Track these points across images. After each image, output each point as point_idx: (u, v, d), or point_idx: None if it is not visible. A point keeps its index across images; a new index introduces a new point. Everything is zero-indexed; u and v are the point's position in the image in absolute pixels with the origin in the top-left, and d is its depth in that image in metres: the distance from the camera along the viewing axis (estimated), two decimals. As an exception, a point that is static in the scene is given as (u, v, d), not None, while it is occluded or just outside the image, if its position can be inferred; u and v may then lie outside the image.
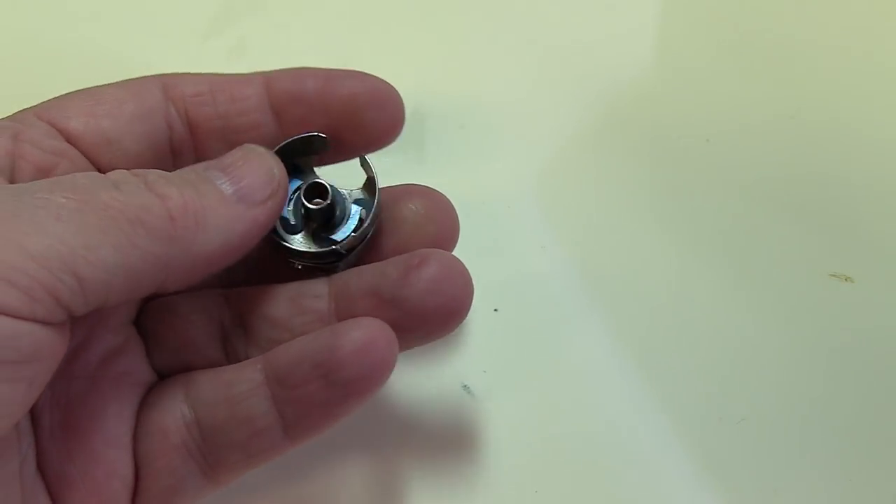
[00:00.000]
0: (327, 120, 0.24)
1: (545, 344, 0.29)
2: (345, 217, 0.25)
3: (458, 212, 0.25)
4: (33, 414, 0.21)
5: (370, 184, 0.25)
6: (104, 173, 0.23)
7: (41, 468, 0.21)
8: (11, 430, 0.20)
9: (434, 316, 0.22)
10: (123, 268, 0.18)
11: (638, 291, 0.30)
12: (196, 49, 0.34)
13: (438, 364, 0.29)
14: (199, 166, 0.22)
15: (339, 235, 0.25)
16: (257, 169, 0.22)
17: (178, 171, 0.22)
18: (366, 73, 0.24)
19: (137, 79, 0.24)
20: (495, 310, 0.29)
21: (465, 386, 0.28)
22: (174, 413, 0.22)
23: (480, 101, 0.33)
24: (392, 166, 0.26)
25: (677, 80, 0.34)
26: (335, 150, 0.25)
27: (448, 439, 0.28)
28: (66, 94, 0.23)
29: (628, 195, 0.32)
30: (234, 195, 0.21)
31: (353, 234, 0.24)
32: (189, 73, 0.24)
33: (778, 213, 0.31)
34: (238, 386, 0.22)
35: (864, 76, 0.34)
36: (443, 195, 0.25)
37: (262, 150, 0.22)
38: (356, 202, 0.25)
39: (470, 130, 0.33)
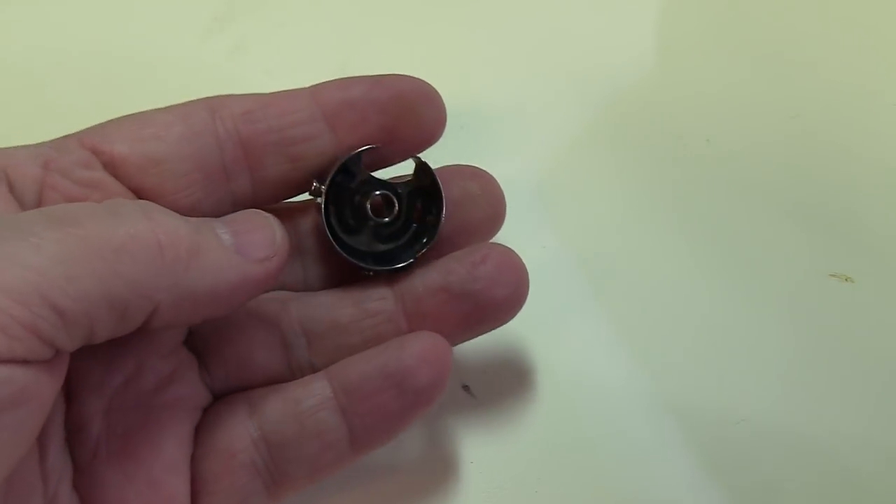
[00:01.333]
0: (383, 119, 0.24)
1: (545, 343, 0.29)
2: (402, 212, 0.25)
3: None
4: (85, 446, 0.21)
5: (424, 177, 0.25)
6: (142, 199, 0.22)
7: (96, 498, 0.21)
8: (33, 472, 0.20)
9: (501, 305, 0.24)
10: (107, 298, 0.18)
11: (638, 291, 0.30)
12: (197, 48, 0.34)
13: (438, 364, 0.28)
14: (203, 219, 0.22)
15: (408, 242, 0.25)
16: (260, 229, 0.22)
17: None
18: (406, 75, 0.25)
19: (183, 103, 0.24)
20: (495, 310, 0.29)
21: (465, 386, 0.28)
22: (241, 432, 0.22)
23: (480, 101, 0.33)
24: (392, 166, 0.26)
25: (677, 81, 0.34)
26: (391, 153, 0.25)
27: (448, 439, 0.28)
28: (113, 119, 0.23)
29: (628, 195, 0.32)
30: (232, 246, 0.21)
31: (426, 242, 0.25)
32: (234, 94, 0.24)
33: (778, 213, 0.31)
34: (307, 401, 0.23)
35: (866, 76, 0.34)
36: (488, 174, 0.26)
37: (267, 215, 0.23)
38: (411, 192, 0.25)
39: (470, 131, 0.33)
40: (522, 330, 0.29)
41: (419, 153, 0.25)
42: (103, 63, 0.33)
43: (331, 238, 0.24)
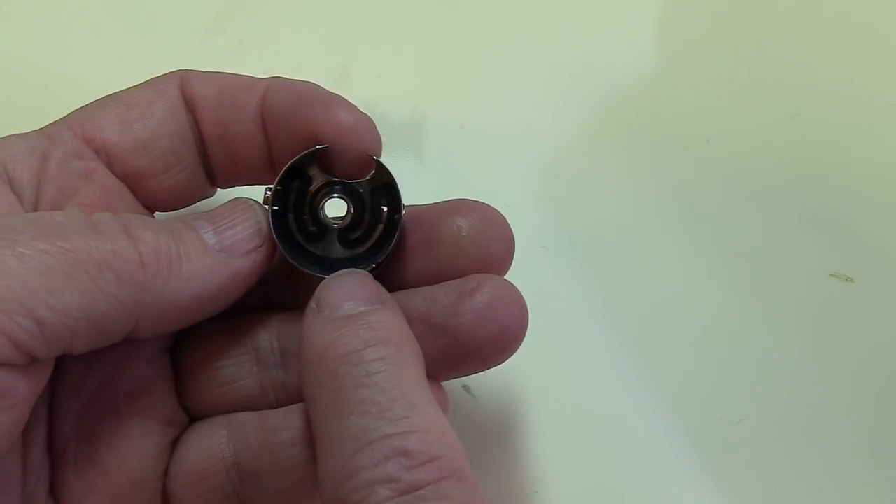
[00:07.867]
0: (297, 145, 0.22)
1: (545, 344, 0.29)
2: (365, 214, 0.23)
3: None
4: (56, 447, 0.21)
5: (383, 173, 0.23)
6: (130, 186, 0.23)
7: (61, 500, 0.21)
8: (15, 469, 0.20)
9: (486, 346, 0.21)
10: (87, 312, 0.18)
11: (638, 291, 0.30)
12: (197, 48, 0.34)
13: (438, 364, 0.28)
14: (188, 217, 0.22)
15: (375, 245, 0.23)
16: (244, 222, 0.22)
17: (168, 218, 0.22)
18: (333, 104, 0.22)
19: (154, 79, 0.24)
20: (495, 310, 0.29)
21: (465, 386, 0.28)
22: (215, 455, 0.22)
23: (480, 101, 0.33)
24: (391, 166, 0.26)
25: (677, 81, 0.34)
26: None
27: (448, 439, 0.27)
28: (96, 101, 0.23)
29: (628, 195, 0.32)
30: (217, 245, 0.21)
31: (383, 248, 0.23)
32: (204, 73, 0.24)
33: (778, 213, 0.31)
34: (284, 433, 0.22)
35: (865, 76, 0.34)
36: (494, 210, 0.23)
37: (251, 203, 0.22)
38: (374, 190, 0.23)
39: (470, 131, 0.33)
40: (522, 330, 0.29)
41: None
42: (103, 62, 0.33)
43: (280, 246, 0.22)
